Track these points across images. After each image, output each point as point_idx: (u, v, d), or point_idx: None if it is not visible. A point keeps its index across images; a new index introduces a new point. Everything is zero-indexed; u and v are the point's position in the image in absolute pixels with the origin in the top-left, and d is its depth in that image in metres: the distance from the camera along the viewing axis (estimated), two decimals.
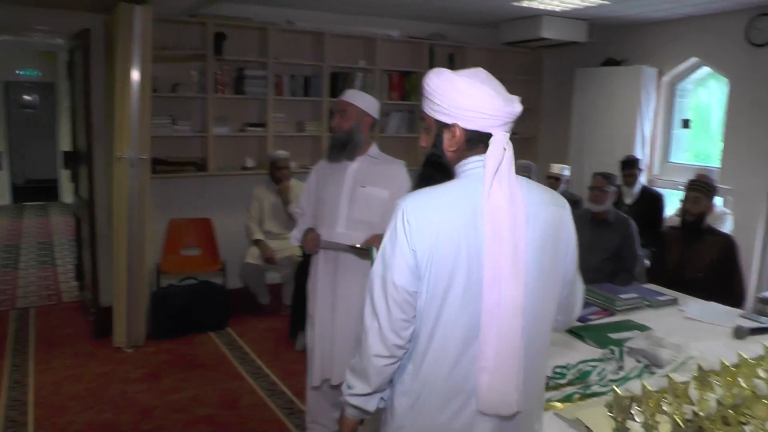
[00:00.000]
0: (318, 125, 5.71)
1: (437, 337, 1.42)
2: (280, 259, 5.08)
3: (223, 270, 5.12)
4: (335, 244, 2.84)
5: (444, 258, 1.38)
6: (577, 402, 2.03)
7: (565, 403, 2.01)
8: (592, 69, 6.22)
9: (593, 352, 2.44)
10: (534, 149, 6.88)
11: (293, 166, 5.31)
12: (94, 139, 4.57)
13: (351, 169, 2.90)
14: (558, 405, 1.99)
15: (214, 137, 5.21)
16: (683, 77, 5.89)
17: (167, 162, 5.11)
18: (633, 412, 1.67)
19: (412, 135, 6.24)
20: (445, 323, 1.40)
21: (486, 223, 1.37)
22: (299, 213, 3.16)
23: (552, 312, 1.55)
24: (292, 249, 5.08)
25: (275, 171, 5.11)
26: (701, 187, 3.55)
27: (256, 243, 5.11)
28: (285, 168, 5.12)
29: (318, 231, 2.94)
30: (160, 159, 5.02)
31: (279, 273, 5.34)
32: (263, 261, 5.07)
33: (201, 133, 5.26)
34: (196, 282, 4.92)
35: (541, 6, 5.26)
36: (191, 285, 4.89)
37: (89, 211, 4.59)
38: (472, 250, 1.38)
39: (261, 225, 5.20)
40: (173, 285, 4.85)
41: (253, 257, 5.08)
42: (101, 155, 4.72)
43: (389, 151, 3.05)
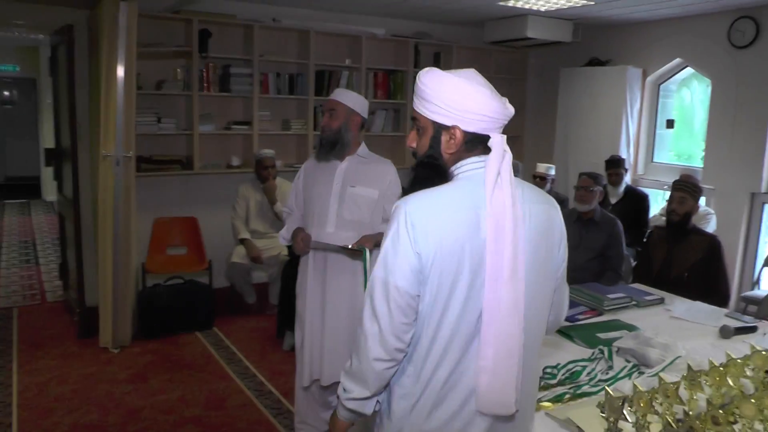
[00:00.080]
0: (303, 124, 5.69)
1: (439, 340, 1.41)
2: (266, 259, 5.06)
3: (209, 269, 5.08)
4: (327, 244, 2.82)
5: (448, 260, 1.37)
6: (568, 402, 2.04)
7: (556, 403, 2.02)
8: (577, 69, 6.26)
9: (582, 351, 2.46)
10: (519, 148, 6.90)
11: (279, 164, 5.29)
12: (78, 137, 4.51)
13: (340, 169, 2.89)
14: (548, 405, 2.01)
15: (199, 135, 5.17)
16: (667, 78, 5.95)
17: (152, 160, 5.06)
18: (625, 412, 1.69)
19: (397, 134, 6.25)
20: (448, 325, 1.40)
21: (489, 225, 1.37)
22: (287, 212, 3.14)
23: (546, 312, 1.57)
24: (278, 248, 5.07)
25: (261, 170, 5.08)
26: (687, 188, 3.59)
27: (242, 242, 5.08)
28: (271, 167, 5.09)
29: (307, 231, 2.92)
30: (144, 157, 4.97)
31: (265, 272, 5.32)
32: (249, 260, 5.05)
33: (186, 131, 5.21)
34: (182, 281, 4.89)
35: (527, 6, 5.28)
36: (177, 285, 4.86)
37: (74, 210, 4.53)
38: (474, 251, 1.38)
39: (247, 224, 5.17)
40: (159, 285, 4.81)
41: (240, 256, 5.05)
42: (86, 153, 4.67)
43: (374, 150, 3.04)
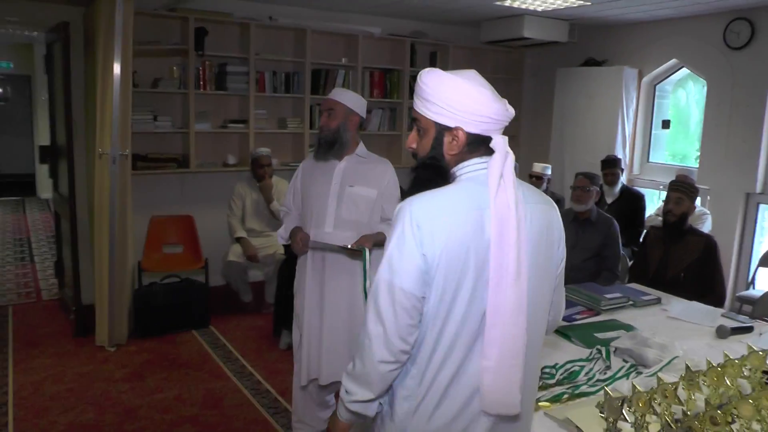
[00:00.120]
0: (299, 122, 5.68)
1: (444, 341, 1.42)
2: (262, 257, 5.06)
3: (206, 268, 5.07)
4: (326, 244, 2.81)
5: (453, 262, 1.38)
6: (566, 402, 2.05)
7: (554, 403, 2.03)
8: (573, 69, 6.27)
9: (580, 351, 2.47)
10: (515, 148, 6.73)
11: (275, 163, 5.29)
12: (74, 135, 4.49)
13: (339, 169, 2.89)
14: (547, 405, 2.02)
15: (195, 133, 5.16)
16: (663, 78, 5.97)
17: (148, 158, 5.04)
18: (624, 412, 1.69)
19: (393, 132, 6.25)
20: (452, 326, 1.41)
21: (493, 226, 1.37)
22: (284, 211, 3.13)
23: (546, 311, 1.58)
24: (274, 247, 5.06)
25: (257, 168, 5.07)
26: (684, 188, 3.61)
27: (238, 241, 5.07)
28: (267, 165, 5.08)
29: (305, 230, 2.92)
30: (140, 155, 4.96)
31: (261, 271, 5.32)
32: (245, 259, 5.04)
33: (182, 130, 5.20)
34: (178, 280, 4.88)
35: (523, 6, 5.29)
36: (173, 283, 4.85)
37: (70, 208, 4.51)
38: (479, 252, 1.39)
39: (243, 222, 5.16)
40: (155, 283, 4.80)
41: (236, 255, 5.04)
42: (81, 151, 4.65)
43: (370, 149, 3.03)
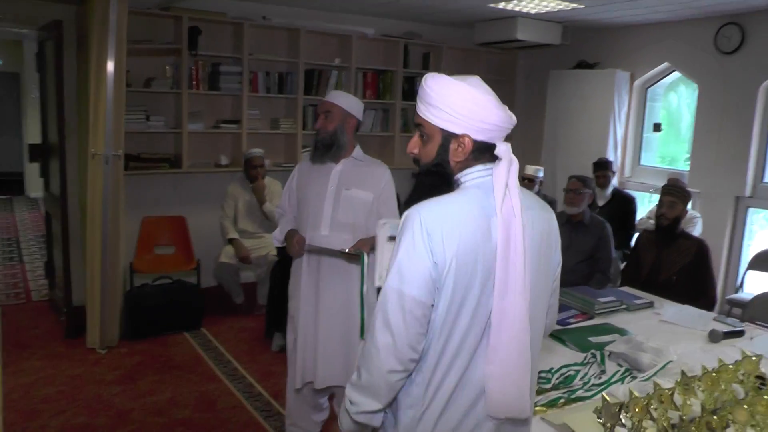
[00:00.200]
0: (292, 123, 5.67)
1: (450, 347, 1.42)
2: (254, 259, 5.04)
3: (198, 269, 5.05)
4: (323, 248, 2.80)
5: (463, 269, 1.38)
6: (563, 406, 2.06)
7: (551, 408, 2.04)
8: (565, 71, 6.30)
9: (575, 355, 2.47)
10: None
11: (268, 164, 5.27)
12: (66, 134, 4.46)
13: (335, 171, 2.88)
14: (543, 410, 2.02)
15: (188, 133, 5.13)
16: (655, 81, 6.00)
17: (140, 158, 5.01)
18: (621, 417, 1.70)
19: (386, 133, 6.25)
20: (459, 332, 1.41)
21: (500, 233, 1.38)
22: (279, 213, 3.13)
23: (545, 315, 1.60)
24: (266, 248, 5.05)
25: (250, 169, 5.05)
26: (677, 192, 3.63)
27: (230, 242, 5.05)
28: (260, 166, 5.06)
29: (301, 232, 2.91)
30: (132, 155, 4.93)
31: (254, 272, 5.30)
32: (238, 260, 5.03)
33: (175, 129, 5.17)
34: (170, 281, 4.85)
35: (517, 8, 5.31)
36: (165, 284, 4.82)
37: (61, 208, 4.47)
38: (486, 259, 1.39)
39: (235, 224, 5.14)
40: (147, 284, 4.77)
41: (228, 256, 5.02)
42: (73, 150, 4.62)
43: (363, 150, 3.02)
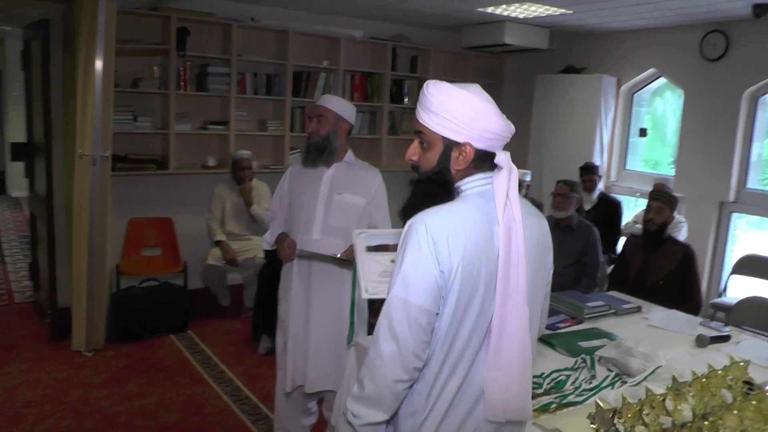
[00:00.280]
0: (280, 124, 5.65)
1: (452, 354, 1.42)
2: (242, 261, 5.02)
3: (185, 271, 5.02)
4: (314, 254, 2.79)
5: (467, 276, 1.38)
6: (554, 411, 2.07)
7: (543, 413, 2.05)
8: (552, 75, 6.34)
9: (565, 360, 2.49)
10: None
11: (255, 165, 5.25)
12: (53, 134, 4.41)
13: (327, 175, 2.87)
14: (536, 414, 2.03)
15: (175, 135, 5.10)
16: (641, 87, 6.06)
17: (127, 159, 4.97)
18: (615, 423, 1.72)
19: (373, 136, 6.25)
20: (461, 339, 1.42)
21: (502, 241, 1.39)
22: (270, 216, 3.11)
23: (539, 319, 1.63)
24: (254, 250, 5.03)
25: (237, 171, 5.04)
26: (665, 198, 3.68)
27: (217, 244, 5.03)
28: (247, 168, 5.05)
29: (292, 236, 2.90)
30: (119, 156, 4.88)
31: (241, 274, 5.28)
32: (225, 262, 5.00)
33: (162, 131, 5.13)
34: (156, 283, 4.81)
35: (505, 13, 5.33)
36: (152, 287, 4.79)
37: (47, 209, 4.42)
38: (489, 266, 1.41)
39: (223, 226, 5.12)
40: (134, 286, 4.74)
41: (215, 258, 5.00)
42: (59, 150, 4.57)
43: None
